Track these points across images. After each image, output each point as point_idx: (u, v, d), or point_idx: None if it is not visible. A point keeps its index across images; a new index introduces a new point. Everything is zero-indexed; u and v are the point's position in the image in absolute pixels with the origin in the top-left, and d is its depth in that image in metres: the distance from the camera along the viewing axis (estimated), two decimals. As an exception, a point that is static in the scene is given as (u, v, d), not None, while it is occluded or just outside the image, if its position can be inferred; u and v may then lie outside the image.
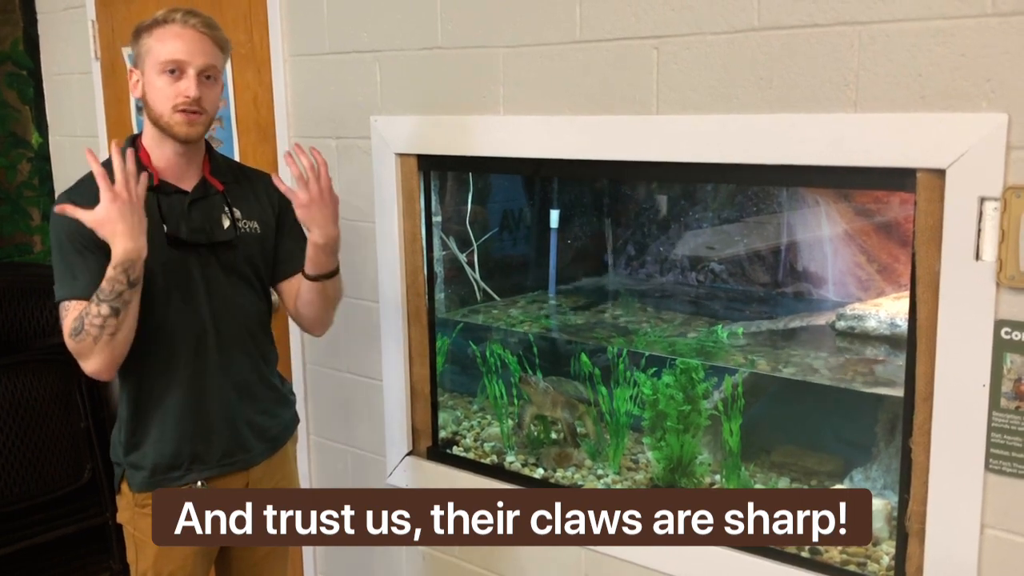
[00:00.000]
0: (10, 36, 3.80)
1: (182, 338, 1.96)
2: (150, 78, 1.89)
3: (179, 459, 1.98)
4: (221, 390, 2.00)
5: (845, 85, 1.69)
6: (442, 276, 2.62)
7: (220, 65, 1.95)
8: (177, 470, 1.98)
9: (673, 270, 2.87)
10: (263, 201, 2.10)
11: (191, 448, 1.98)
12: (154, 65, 1.88)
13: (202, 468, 2.00)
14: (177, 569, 2.01)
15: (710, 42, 1.84)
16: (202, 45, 1.89)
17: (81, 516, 3.35)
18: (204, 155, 2.02)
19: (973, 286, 1.59)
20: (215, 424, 2.00)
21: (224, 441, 2.02)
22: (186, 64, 1.87)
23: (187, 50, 1.87)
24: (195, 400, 1.98)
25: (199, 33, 1.89)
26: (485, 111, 2.21)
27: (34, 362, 3.31)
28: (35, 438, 3.27)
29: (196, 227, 1.96)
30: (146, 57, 1.89)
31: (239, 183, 2.07)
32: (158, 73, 1.87)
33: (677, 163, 1.93)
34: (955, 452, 1.65)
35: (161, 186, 1.94)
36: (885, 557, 1.91)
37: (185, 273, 1.95)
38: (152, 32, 1.89)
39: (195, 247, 1.95)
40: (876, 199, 2.34)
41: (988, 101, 1.55)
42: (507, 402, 2.63)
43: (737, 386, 2.20)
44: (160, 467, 1.97)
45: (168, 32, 1.88)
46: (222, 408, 2.01)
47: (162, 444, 1.97)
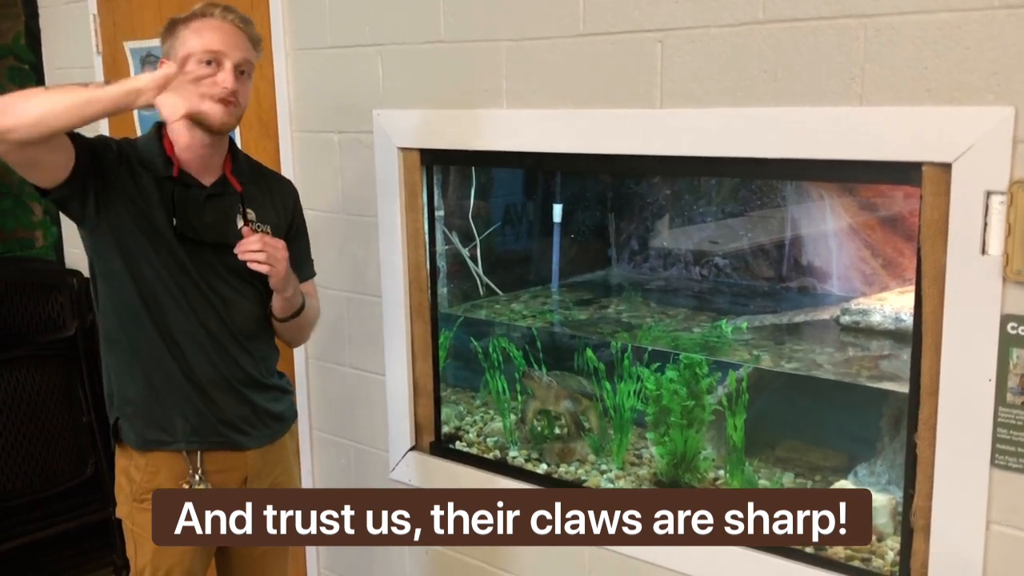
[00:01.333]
0: (12, 30, 3.80)
1: (183, 333, 1.96)
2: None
3: (173, 425, 1.98)
4: (219, 388, 2.00)
5: (850, 78, 1.68)
6: (445, 271, 2.61)
7: (254, 61, 1.96)
8: (169, 433, 1.98)
9: (677, 264, 2.87)
10: (278, 205, 2.10)
11: (187, 421, 1.99)
12: (191, 56, 1.87)
13: (195, 439, 2.00)
14: (176, 564, 2.01)
15: (714, 35, 1.83)
16: (238, 39, 1.90)
17: (84, 511, 3.36)
18: (227, 152, 2.02)
19: (979, 281, 1.58)
20: (214, 411, 2.00)
21: (221, 421, 2.02)
22: (224, 56, 1.87)
23: (225, 42, 1.88)
24: (194, 394, 1.98)
25: (236, 28, 1.91)
26: (488, 105, 2.20)
27: (36, 357, 3.31)
28: (37, 433, 3.27)
29: (208, 223, 1.96)
30: (180, 48, 1.88)
31: (257, 184, 2.07)
32: (195, 64, 1.86)
33: (681, 157, 1.92)
34: (960, 447, 1.64)
35: (180, 177, 1.94)
36: (890, 553, 1.91)
37: (191, 269, 1.94)
38: (189, 25, 1.89)
39: (203, 244, 1.95)
40: (881, 193, 2.33)
41: (995, 94, 1.54)
42: (510, 397, 2.63)
43: (741, 381, 2.19)
44: (152, 420, 1.98)
45: (207, 25, 1.88)
46: (220, 401, 2.01)
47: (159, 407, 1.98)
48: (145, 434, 1.99)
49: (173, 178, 1.92)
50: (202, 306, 1.96)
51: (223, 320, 1.99)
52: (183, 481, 1.99)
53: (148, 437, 1.99)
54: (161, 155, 1.93)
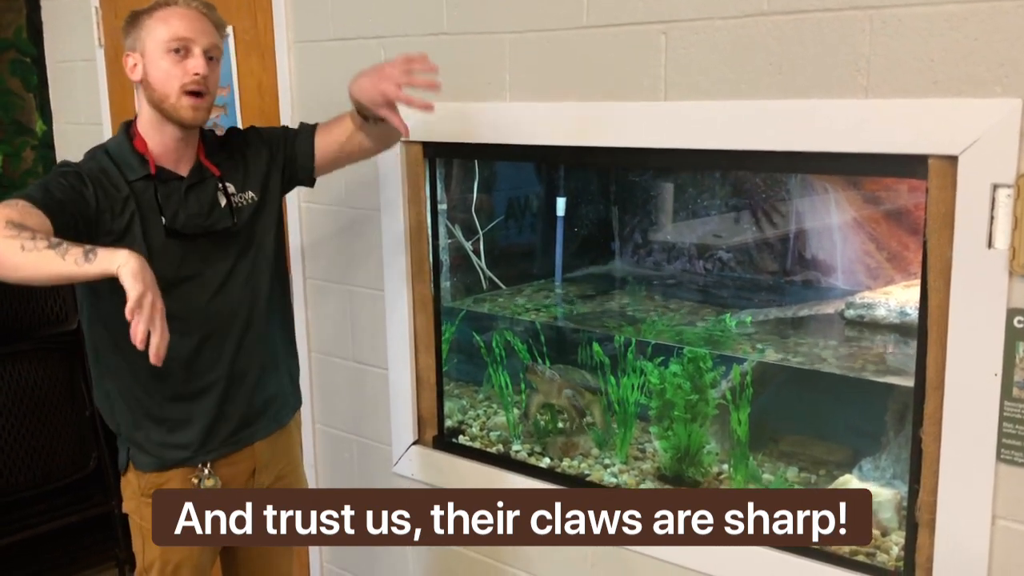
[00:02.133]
0: (13, 23, 3.79)
1: (193, 329, 1.94)
2: (153, 58, 1.87)
3: (189, 441, 1.97)
4: (231, 379, 2.00)
5: (856, 70, 1.67)
6: (448, 265, 2.60)
7: (220, 47, 1.94)
8: (186, 450, 1.97)
9: (680, 258, 2.86)
10: (252, 160, 2.05)
11: (200, 433, 1.98)
12: (159, 45, 1.86)
13: (209, 450, 1.99)
14: (185, 559, 2.00)
15: (719, 27, 1.81)
16: (204, 25, 1.89)
17: (86, 505, 3.36)
18: (199, 138, 2.00)
19: (985, 274, 1.57)
20: (226, 410, 2.00)
21: (234, 423, 2.01)
22: (192, 42, 1.86)
23: (193, 28, 1.87)
24: (205, 392, 1.98)
25: (200, 14, 1.90)
26: (491, 98, 2.19)
27: (38, 351, 3.31)
28: (39, 427, 3.27)
29: (194, 213, 1.93)
30: (147, 39, 1.87)
31: (231, 157, 2.04)
32: (164, 53, 1.85)
33: (685, 150, 1.91)
34: (966, 442, 1.63)
35: (159, 173, 1.92)
36: (895, 547, 1.90)
37: (189, 263, 1.93)
38: (153, 14, 1.88)
39: (195, 236, 1.93)
40: (886, 186, 2.31)
41: (1002, 86, 1.53)
42: (512, 391, 2.62)
43: (745, 375, 2.18)
44: (167, 445, 1.96)
45: (172, 13, 1.87)
46: (234, 394, 2.01)
47: (171, 425, 1.96)
48: (164, 456, 1.97)
49: (151, 176, 1.90)
50: (212, 295, 1.95)
51: (235, 305, 1.98)
52: (193, 476, 1.99)
53: (167, 457, 1.97)
54: (134, 155, 1.90)
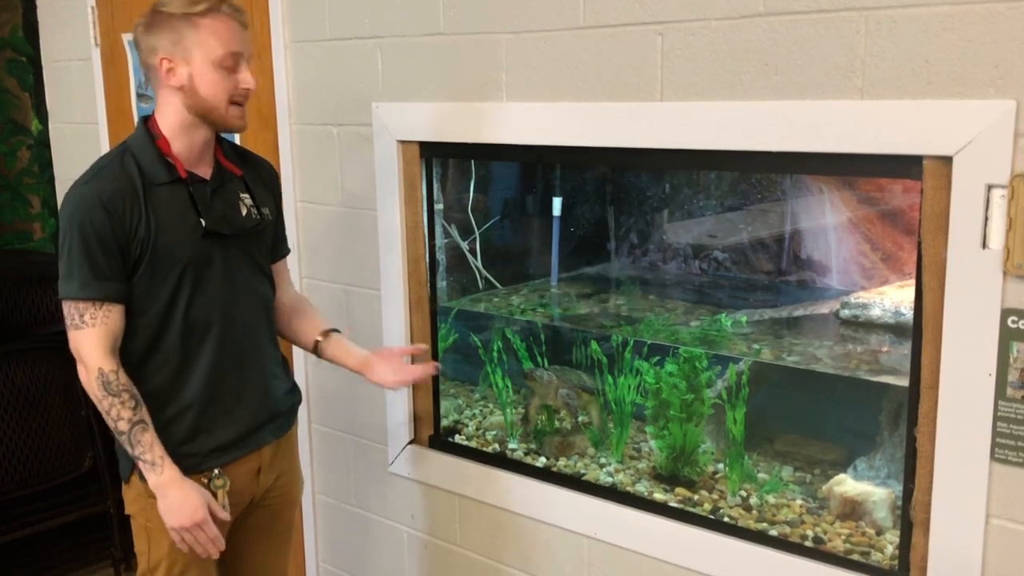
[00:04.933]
0: (9, 22, 3.79)
1: (208, 328, 1.95)
2: (202, 69, 1.86)
3: (199, 447, 1.97)
4: (244, 379, 2.01)
5: (851, 71, 1.67)
6: (444, 264, 2.61)
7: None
8: (196, 456, 1.97)
9: (676, 258, 2.86)
10: (266, 187, 2.12)
11: (211, 438, 1.98)
12: (211, 57, 1.85)
13: (220, 455, 1.99)
14: (193, 559, 1.98)
15: (715, 28, 1.82)
16: (247, 35, 1.93)
17: (82, 504, 3.36)
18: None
19: (980, 274, 1.58)
20: (236, 411, 2.01)
21: (243, 425, 2.02)
22: (242, 56, 1.89)
23: (243, 42, 1.90)
24: (218, 390, 1.98)
25: (242, 25, 1.92)
26: (487, 98, 2.19)
27: (34, 350, 3.31)
28: (35, 426, 3.27)
29: (219, 216, 1.95)
30: (194, 48, 1.85)
31: (247, 168, 2.08)
32: (217, 66, 1.86)
33: (681, 150, 1.92)
34: (960, 441, 1.64)
35: (189, 176, 1.93)
36: (889, 546, 1.91)
37: (211, 263, 1.94)
38: (198, 23, 1.85)
39: (220, 236, 1.95)
40: (881, 187, 2.32)
41: (996, 88, 1.53)
42: (510, 391, 2.62)
43: (741, 375, 2.19)
44: (178, 455, 1.94)
45: (223, 25, 1.87)
46: (245, 394, 2.02)
47: (182, 432, 1.96)
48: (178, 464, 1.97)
49: (181, 180, 1.91)
50: (227, 296, 1.97)
51: (246, 307, 2.01)
52: (202, 476, 1.98)
53: (178, 465, 1.95)
54: (160, 159, 1.90)
